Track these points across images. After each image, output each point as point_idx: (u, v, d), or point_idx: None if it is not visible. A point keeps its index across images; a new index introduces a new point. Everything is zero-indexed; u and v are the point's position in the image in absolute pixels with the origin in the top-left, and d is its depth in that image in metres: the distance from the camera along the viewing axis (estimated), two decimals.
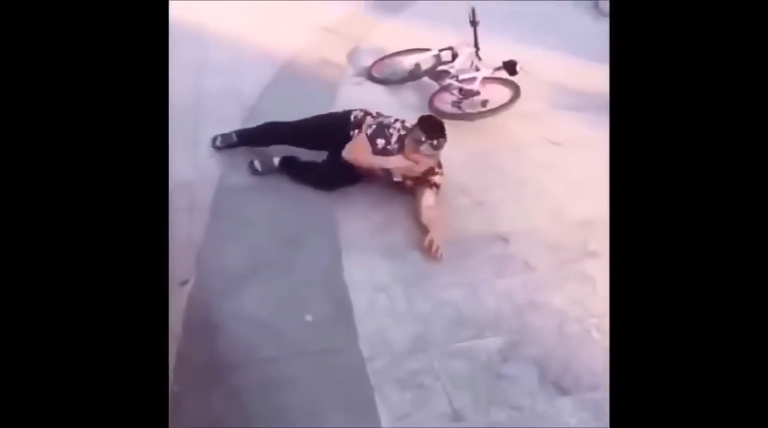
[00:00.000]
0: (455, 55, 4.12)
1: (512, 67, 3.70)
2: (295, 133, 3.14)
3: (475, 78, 3.89)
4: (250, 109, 3.64)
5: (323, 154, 3.08)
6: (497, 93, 3.81)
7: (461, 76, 3.96)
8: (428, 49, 4.24)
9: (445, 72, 4.06)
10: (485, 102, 3.80)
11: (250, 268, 2.50)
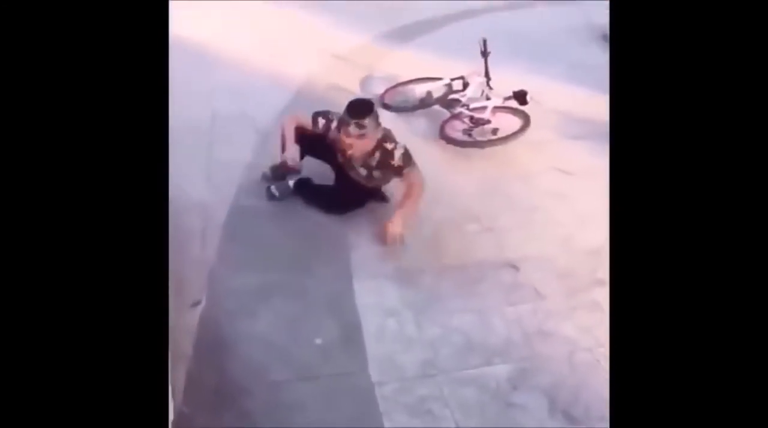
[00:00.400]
0: (466, 84, 4.19)
1: (523, 97, 3.76)
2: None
3: (485, 107, 3.94)
4: (263, 133, 3.70)
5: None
6: (507, 122, 3.86)
7: (472, 105, 4.02)
8: (440, 78, 4.31)
9: (456, 100, 4.12)
10: (495, 130, 3.85)
11: (261, 291, 2.52)
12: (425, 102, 4.26)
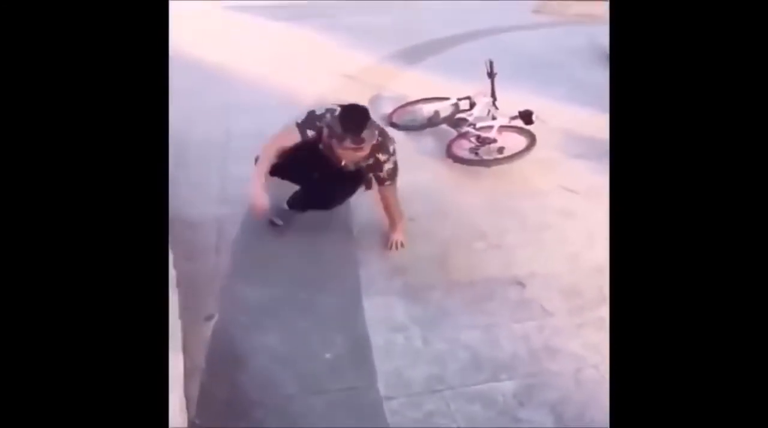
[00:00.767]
0: (473, 104, 4.28)
1: (528, 117, 3.84)
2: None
3: (492, 126, 4.02)
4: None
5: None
6: (513, 141, 3.93)
7: (479, 124, 4.10)
8: (447, 98, 4.41)
9: (463, 120, 4.20)
10: (502, 149, 3.92)
11: (272, 305, 2.57)
12: (433, 121, 4.35)
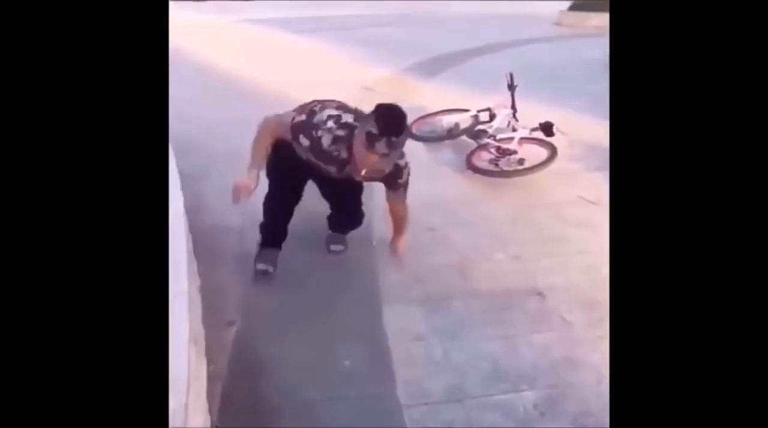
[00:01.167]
0: (493, 116, 4.30)
1: (549, 129, 3.85)
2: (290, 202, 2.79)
3: (512, 138, 4.03)
4: None
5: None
6: (534, 153, 3.94)
7: (499, 136, 4.11)
8: (467, 110, 4.43)
9: (483, 131, 4.23)
10: (522, 160, 3.93)
11: (293, 313, 2.60)
12: (452, 133, 4.38)
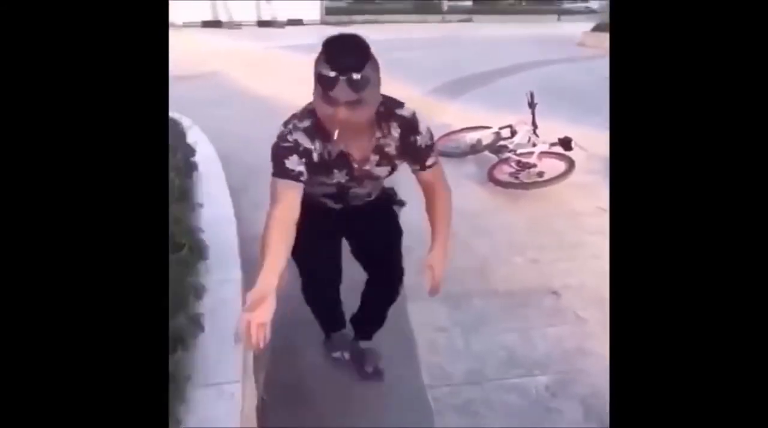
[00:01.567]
0: (514, 132, 4.56)
1: (567, 144, 4.08)
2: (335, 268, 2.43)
3: (532, 152, 4.28)
4: None
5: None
6: (553, 166, 4.17)
7: (519, 151, 4.36)
8: (489, 127, 4.70)
9: (504, 147, 4.48)
10: (541, 173, 4.16)
11: None
12: (475, 148, 4.65)
